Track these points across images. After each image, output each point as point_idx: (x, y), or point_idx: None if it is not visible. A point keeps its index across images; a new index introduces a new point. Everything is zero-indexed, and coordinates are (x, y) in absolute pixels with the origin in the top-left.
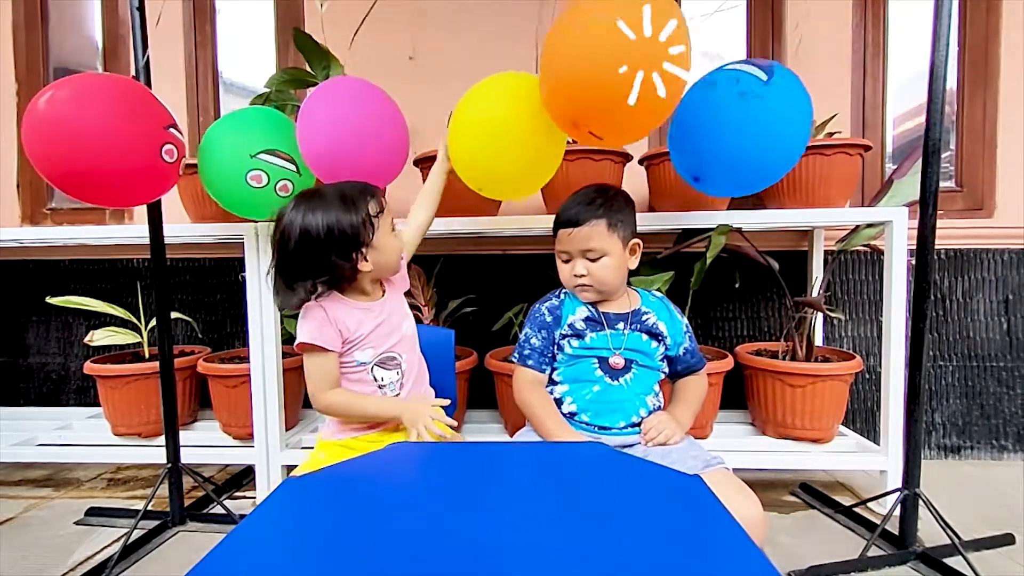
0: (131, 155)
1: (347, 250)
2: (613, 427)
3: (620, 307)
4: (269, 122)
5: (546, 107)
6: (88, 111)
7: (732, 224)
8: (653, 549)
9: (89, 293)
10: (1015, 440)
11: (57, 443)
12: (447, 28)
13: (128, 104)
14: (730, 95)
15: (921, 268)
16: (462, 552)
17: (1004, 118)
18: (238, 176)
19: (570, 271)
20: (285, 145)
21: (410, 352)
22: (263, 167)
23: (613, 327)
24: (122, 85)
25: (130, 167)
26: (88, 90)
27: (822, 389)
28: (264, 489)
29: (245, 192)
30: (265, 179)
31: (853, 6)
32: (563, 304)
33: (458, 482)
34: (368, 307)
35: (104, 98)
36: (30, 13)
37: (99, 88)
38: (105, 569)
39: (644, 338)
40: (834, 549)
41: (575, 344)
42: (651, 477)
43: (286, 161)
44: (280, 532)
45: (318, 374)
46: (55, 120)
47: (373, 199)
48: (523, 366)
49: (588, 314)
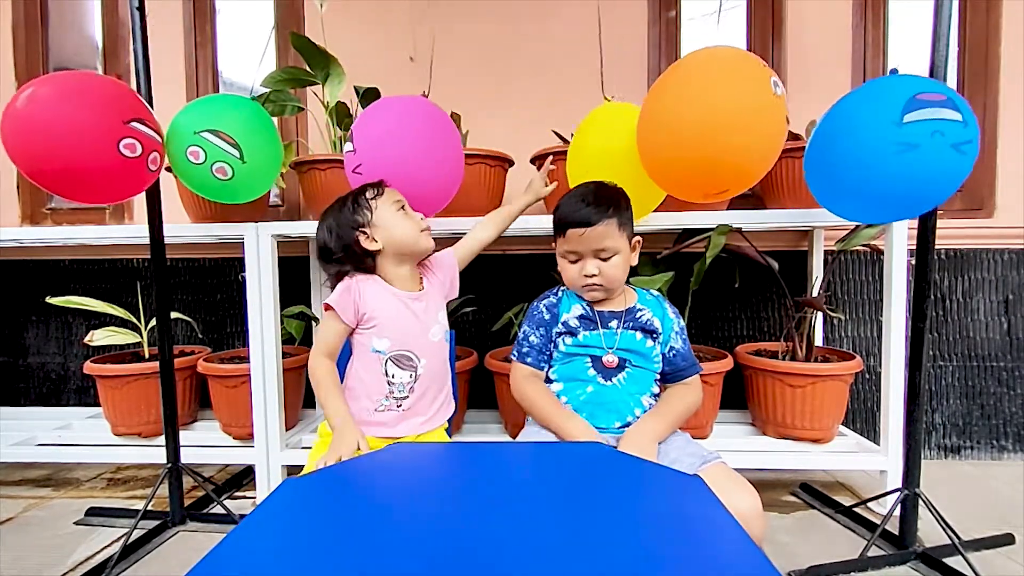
0: (83, 150)
1: (349, 235)
2: (608, 427)
3: (615, 305)
4: (231, 106)
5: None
6: (42, 107)
7: (732, 224)
8: (653, 549)
9: (89, 293)
10: (1015, 440)
11: (57, 443)
12: (447, 29)
13: (81, 98)
14: (943, 150)
15: (921, 268)
16: (462, 552)
17: (1004, 118)
18: (180, 150)
19: (579, 271)
20: (237, 130)
21: (431, 360)
22: (201, 144)
23: (606, 326)
24: (80, 79)
25: (85, 163)
26: (48, 86)
27: (822, 389)
28: (264, 489)
29: (184, 167)
30: (202, 156)
31: (853, 6)
32: (560, 302)
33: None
34: (399, 295)
35: (58, 93)
36: (30, 13)
37: (57, 83)
38: (105, 569)
39: (639, 337)
40: (834, 549)
41: (568, 342)
42: (651, 477)
43: (228, 144)
44: (280, 532)
45: (322, 334)
46: (21, 118)
47: (372, 187)
48: (521, 363)
49: (583, 312)
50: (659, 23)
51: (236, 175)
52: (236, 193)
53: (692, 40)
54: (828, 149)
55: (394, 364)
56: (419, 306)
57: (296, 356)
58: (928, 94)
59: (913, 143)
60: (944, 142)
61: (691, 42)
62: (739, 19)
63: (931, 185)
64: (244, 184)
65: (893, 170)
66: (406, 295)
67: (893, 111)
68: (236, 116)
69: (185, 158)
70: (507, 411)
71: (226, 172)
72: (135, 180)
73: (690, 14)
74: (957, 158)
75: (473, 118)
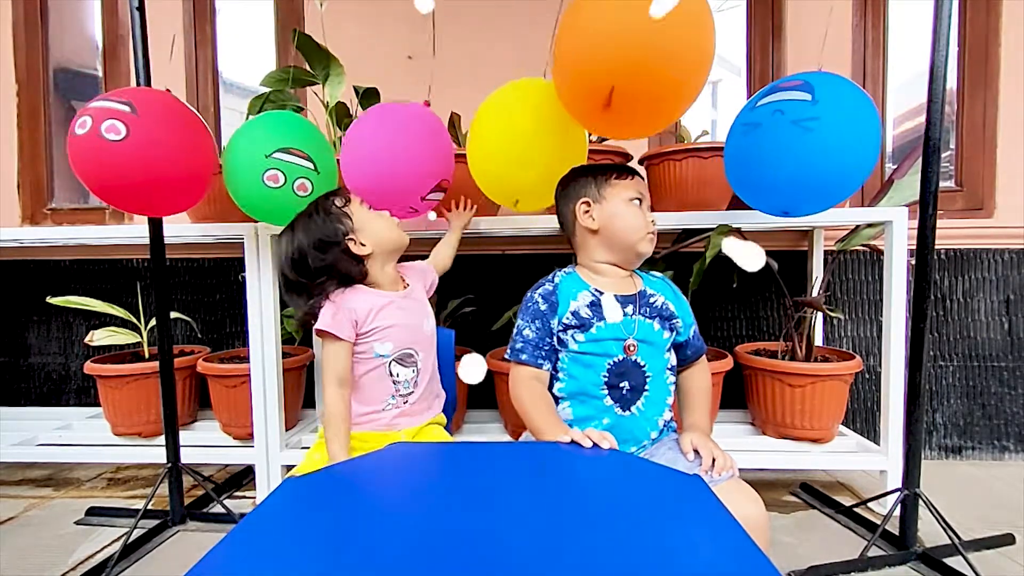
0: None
1: (334, 247)
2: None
3: (625, 287)
4: (282, 122)
5: (567, 96)
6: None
7: (732, 224)
8: (653, 549)
9: (89, 293)
10: (1016, 440)
11: (57, 443)
12: (447, 27)
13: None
14: (782, 126)
15: (921, 268)
16: (462, 552)
17: (1004, 118)
18: (255, 178)
19: (645, 216)
20: (300, 143)
21: (427, 351)
22: (279, 166)
23: (621, 311)
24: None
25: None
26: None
27: (822, 389)
28: (264, 489)
29: (264, 193)
30: (282, 179)
31: (853, 6)
32: (559, 288)
33: (458, 482)
34: (388, 297)
35: None
36: (30, 13)
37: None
38: (105, 569)
39: (656, 327)
40: (834, 549)
41: (580, 339)
42: (651, 477)
43: (302, 159)
44: (280, 532)
45: (328, 363)
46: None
47: (335, 196)
48: (517, 362)
49: (592, 298)
50: None
51: (315, 187)
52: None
53: None
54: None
55: (398, 364)
56: (409, 303)
57: (296, 356)
58: (787, 81)
59: (755, 123)
60: (784, 119)
61: None
62: (739, 19)
63: (782, 163)
64: (319, 193)
65: (743, 152)
66: (396, 295)
67: (755, 101)
68: (291, 130)
69: (263, 185)
70: (507, 411)
71: (307, 187)
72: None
73: None
74: (799, 133)
75: None
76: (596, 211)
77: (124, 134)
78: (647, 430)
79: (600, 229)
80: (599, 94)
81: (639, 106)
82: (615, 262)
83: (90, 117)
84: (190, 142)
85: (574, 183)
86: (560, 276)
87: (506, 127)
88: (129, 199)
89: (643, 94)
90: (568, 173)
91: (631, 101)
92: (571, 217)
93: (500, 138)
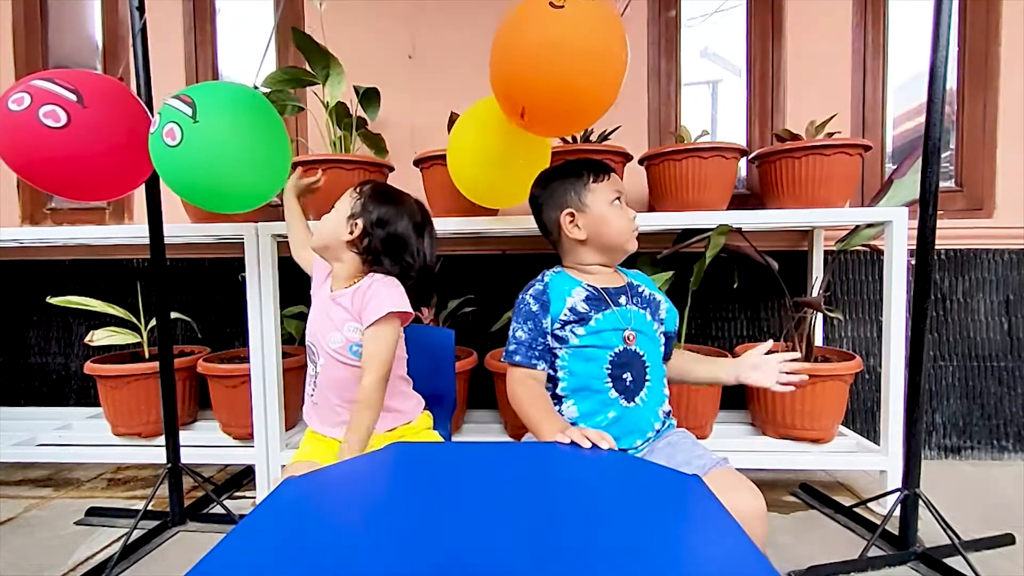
0: None
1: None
2: (630, 448)
3: (615, 280)
4: (224, 87)
5: (500, 103)
6: None
7: (732, 224)
8: (653, 549)
9: (89, 293)
10: (1016, 440)
11: (57, 443)
12: (447, 26)
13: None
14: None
15: (921, 268)
16: (462, 552)
17: (1004, 118)
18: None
19: (628, 215)
20: (203, 93)
21: (328, 360)
22: (162, 110)
23: (616, 303)
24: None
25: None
26: None
27: (822, 389)
28: (264, 489)
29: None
30: (156, 122)
31: (853, 6)
32: (550, 287)
33: (457, 482)
34: (326, 287)
35: None
36: (30, 13)
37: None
38: (105, 569)
39: (648, 317)
40: (834, 549)
41: (581, 332)
42: (651, 477)
43: (184, 104)
44: (280, 532)
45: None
46: None
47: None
48: (512, 364)
49: (588, 293)
50: (659, 22)
51: (184, 136)
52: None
53: (692, 40)
54: None
55: (309, 354)
56: (327, 305)
57: (296, 356)
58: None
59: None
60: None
61: (691, 42)
62: (739, 19)
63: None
64: (192, 143)
65: None
66: (327, 291)
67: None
68: (215, 90)
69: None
70: (507, 411)
71: (175, 135)
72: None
73: (690, 14)
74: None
75: None
76: (581, 220)
77: (64, 122)
78: (651, 421)
79: (588, 238)
80: (515, 108)
81: (549, 118)
82: (603, 262)
83: (28, 95)
84: (134, 139)
85: (551, 190)
86: (549, 276)
87: (474, 141)
88: (52, 184)
89: (550, 112)
90: (540, 177)
91: (541, 115)
92: (555, 227)
93: (473, 144)
